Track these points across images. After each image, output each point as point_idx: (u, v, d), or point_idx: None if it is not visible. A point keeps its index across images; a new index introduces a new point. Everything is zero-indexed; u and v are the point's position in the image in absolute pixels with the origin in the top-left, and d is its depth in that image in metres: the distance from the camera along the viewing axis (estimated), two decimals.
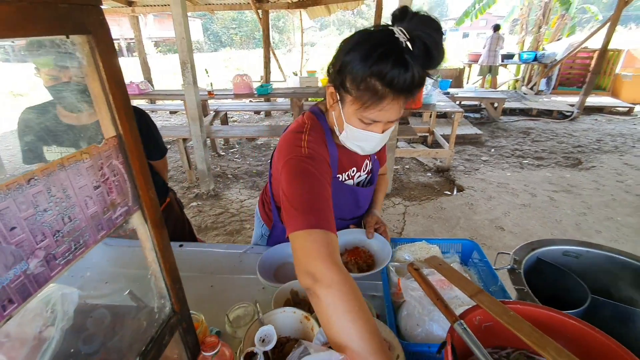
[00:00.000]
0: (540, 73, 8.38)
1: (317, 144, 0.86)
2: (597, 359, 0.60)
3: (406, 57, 0.67)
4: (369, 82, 0.71)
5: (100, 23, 0.38)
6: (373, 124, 0.79)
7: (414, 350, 0.73)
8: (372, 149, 0.87)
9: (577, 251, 1.13)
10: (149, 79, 7.46)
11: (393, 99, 0.72)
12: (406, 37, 0.67)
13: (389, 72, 0.68)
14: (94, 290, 1.01)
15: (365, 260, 1.05)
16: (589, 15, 10.50)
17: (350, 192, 1.06)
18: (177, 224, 1.54)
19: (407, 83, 0.69)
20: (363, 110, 0.76)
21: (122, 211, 0.44)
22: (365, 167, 1.10)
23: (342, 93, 0.78)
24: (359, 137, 0.83)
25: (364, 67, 0.69)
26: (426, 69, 0.71)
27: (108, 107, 0.40)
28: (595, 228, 2.92)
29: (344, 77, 0.75)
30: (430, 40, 0.67)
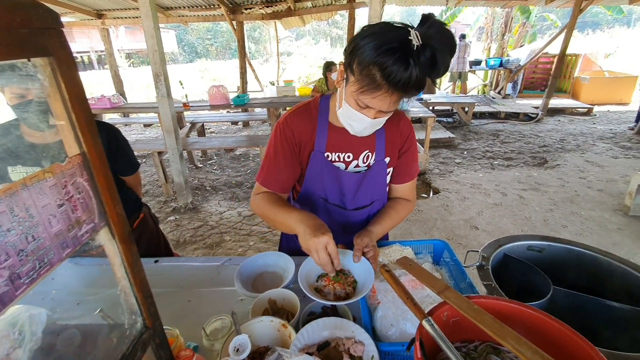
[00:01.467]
0: (506, 78, 8.82)
1: (297, 117, 1.03)
2: (554, 344, 0.64)
3: (410, 59, 0.72)
4: (370, 70, 0.76)
5: (61, 45, 0.39)
6: (367, 108, 0.85)
7: (387, 350, 0.76)
8: (361, 130, 0.93)
9: (540, 245, 1.20)
10: (122, 92, 7.28)
11: (388, 91, 0.77)
12: (419, 41, 0.72)
13: (389, 66, 0.73)
14: (66, 312, 0.98)
15: (346, 287, 0.94)
16: (548, 23, 11.21)
17: (334, 171, 1.05)
18: (152, 240, 1.51)
19: (402, 81, 0.74)
20: (359, 93, 0.82)
21: (88, 228, 0.45)
22: (366, 158, 1.06)
23: (349, 73, 0.84)
24: (352, 116, 0.90)
25: (372, 54, 0.74)
26: (428, 76, 0.76)
27: (71, 126, 0.41)
28: (562, 223, 3.08)
29: (353, 59, 0.80)
30: (439, 52, 0.73)
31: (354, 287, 0.94)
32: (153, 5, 2.90)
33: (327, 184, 1.07)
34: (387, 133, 1.06)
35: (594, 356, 0.59)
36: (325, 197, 1.11)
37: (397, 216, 1.12)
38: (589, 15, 21.38)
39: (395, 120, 1.06)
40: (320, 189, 1.09)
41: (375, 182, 1.10)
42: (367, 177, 1.07)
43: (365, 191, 1.10)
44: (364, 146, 1.05)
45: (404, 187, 1.16)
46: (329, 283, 0.94)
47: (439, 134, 5.52)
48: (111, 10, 6.36)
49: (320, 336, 0.81)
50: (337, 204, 1.12)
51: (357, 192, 1.09)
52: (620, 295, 1.04)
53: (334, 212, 1.13)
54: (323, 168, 1.04)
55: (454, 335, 0.73)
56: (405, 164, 1.12)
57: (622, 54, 14.83)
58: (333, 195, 1.10)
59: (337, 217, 1.14)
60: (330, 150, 1.04)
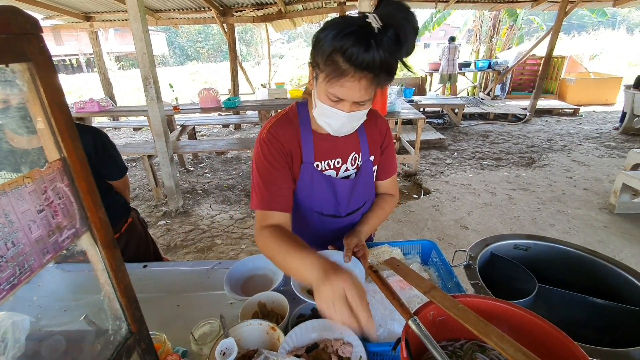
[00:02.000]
0: (495, 80, 8.97)
1: (281, 128, 0.96)
2: (537, 341, 0.66)
3: (371, 40, 0.71)
4: (333, 57, 0.75)
5: (40, 50, 0.39)
6: (340, 102, 0.82)
7: (375, 350, 0.76)
8: (339, 127, 0.90)
9: (526, 244, 1.22)
10: (111, 95, 7.20)
11: (354, 76, 0.75)
12: (378, 23, 0.72)
13: (349, 48, 0.71)
14: (53, 318, 0.96)
15: None
16: (535, 26, 11.43)
17: (326, 182, 1.02)
18: (141, 245, 1.50)
19: (366, 62, 0.72)
20: (328, 85, 0.79)
21: (70, 234, 0.44)
22: (354, 160, 1.05)
23: (316, 70, 0.82)
24: (327, 113, 0.86)
25: (331, 42, 0.74)
26: (394, 56, 0.75)
27: (51, 131, 0.41)
28: (549, 222, 3.14)
29: (317, 53, 0.79)
30: (401, 29, 0.72)
31: None
32: (141, 8, 2.88)
33: (321, 195, 1.04)
34: (367, 132, 1.06)
35: (575, 352, 0.61)
36: (320, 210, 1.07)
37: (382, 213, 1.14)
38: (575, 17, 21.89)
39: (373, 119, 1.06)
40: (314, 202, 1.05)
41: (366, 183, 1.09)
42: (359, 180, 1.06)
43: (358, 194, 1.09)
44: (350, 148, 1.04)
45: (387, 182, 1.16)
46: None
47: (430, 135, 5.58)
48: (100, 13, 6.29)
49: (309, 338, 0.81)
50: (332, 214, 1.09)
51: (350, 197, 1.07)
52: (603, 292, 1.06)
53: (328, 223, 1.11)
54: (315, 180, 1.00)
55: (441, 334, 0.75)
56: (386, 160, 1.13)
57: (606, 56, 15.21)
58: (328, 206, 1.07)
59: (332, 225, 1.12)
60: (319, 159, 1.00)
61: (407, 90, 6.21)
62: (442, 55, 8.45)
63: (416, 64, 14.89)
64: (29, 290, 0.42)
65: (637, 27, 26.84)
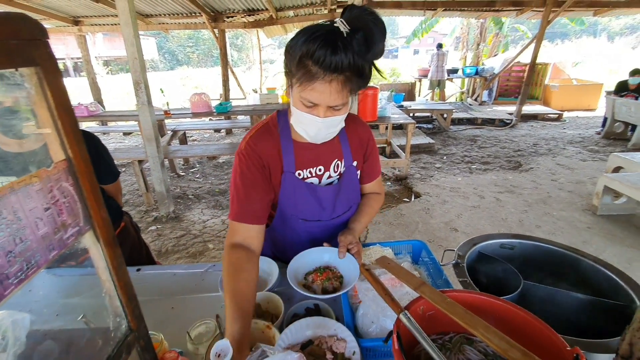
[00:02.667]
0: (482, 86, 9.18)
1: (260, 140, 0.97)
2: (521, 332, 0.69)
3: (338, 42, 0.73)
4: (303, 61, 0.76)
5: (47, 55, 0.41)
6: (314, 107, 0.83)
7: (368, 346, 0.79)
8: (315, 134, 0.90)
9: (512, 243, 1.27)
10: (100, 100, 7.12)
11: (324, 79, 0.76)
12: (346, 27, 0.74)
13: (316, 51, 0.73)
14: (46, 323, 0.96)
15: (333, 281, 0.99)
16: (520, 34, 11.76)
17: (309, 190, 1.02)
18: (134, 249, 1.50)
19: (334, 64, 0.73)
20: (301, 90, 0.80)
21: (74, 231, 0.46)
22: (337, 167, 1.06)
23: (290, 78, 0.84)
24: (302, 120, 0.87)
25: (300, 48, 0.76)
26: (364, 58, 0.77)
27: (57, 133, 0.43)
28: (536, 223, 3.22)
29: (289, 61, 0.81)
30: (369, 32, 0.75)
31: (341, 281, 1.00)
32: (133, 13, 2.88)
33: (304, 203, 1.04)
34: (349, 138, 1.06)
35: (555, 340, 0.64)
36: (304, 217, 1.07)
37: (372, 211, 1.16)
38: (558, 26, 22.62)
39: (353, 126, 1.07)
40: (298, 210, 1.06)
41: (350, 188, 1.10)
42: (342, 186, 1.07)
43: (343, 200, 1.10)
44: (333, 155, 1.04)
45: (371, 185, 1.19)
46: (317, 279, 0.99)
47: (420, 140, 5.67)
48: (89, 17, 6.24)
49: (303, 335, 0.83)
50: (317, 219, 1.09)
51: (335, 203, 1.08)
52: (585, 287, 1.11)
53: (313, 228, 1.11)
54: (297, 189, 1.01)
55: (430, 328, 0.77)
56: (370, 165, 1.14)
57: (588, 63, 15.72)
58: (312, 213, 1.07)
59: (317, 229, 1.12)
60: (301, 167, 1.00)
61: (397, 95, 6.31)
62: (430, 62, 8.63)
63: (405, 70, 15.14)
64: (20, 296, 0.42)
65: (617, 35, 27.85)
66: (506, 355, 0.59)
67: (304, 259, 1.06)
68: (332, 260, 1.05)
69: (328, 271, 1.02)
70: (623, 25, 29.77)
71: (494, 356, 0.72)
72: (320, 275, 1.00)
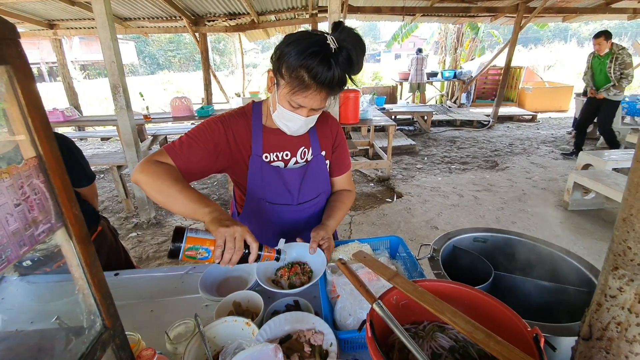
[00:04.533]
0: (460, 88, 9.45)
1: (235, 119, 1.05)
2: (488, 317, 0.73)
3: (331, 60, 0.83)
4: (299, 72, 0.86)
5: (18, 54, 0.42)
6: (299, 108, 0.93)
7: (345, 337, 0.81)
8: (296, 129, 1.00)
9: (484, 237, 1.32)
10: (77, 104, 6.92)
11: (316, 90, 0.88)
12: (335, 45, 0.84)
13: (315, 67, 0.83)
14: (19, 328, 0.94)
15: (301, 276, 1.03)
16: (494, 39, 12.21)
17: (274, 172, 1.09)
18: (112, 253, 1.47)
19: (328, 79, 0.85)
20: (292, 94, 0.90)
21: (45, 228, 0.46)
22: (303, 154, 1.13)
23: (278, 78, 0.92)
24: (287, 117, 0.97)
25: (298, 59, 0.84)
26: (346, 73, 0.88)
27: (27, 130, 0.43)
28: (511, 220, 3.35)
29: (281, 65, 0.88)
30: (353, 52, 0.86)
31: (310, 276, 1.03)
32: (110, 16, 2.84)
33: (270, 185, 1.11)
34: (318, 130, 1.15)
35: (518, 324, 0.68)
36: (270, 200, 1.13)
37: (345, 207, 1.22)
38: (531, 32, 23.60)
39: (324, 119, 1.16)
40: (264, 192, 1.12)
41: (317, 175, 1.17)
42: (309, 170, 1.14)
43: (310, 184, 1.16)
44: (300, 143, 1.12)
45: (342, 179, 1.26)
46: (285, 274, 1.03)
47: (401, 142, 5.78)
48: (64, 21, 6.07)
49: (282, 330, 0.84)
50: (284, 202, 1.15)
51: (301, 186, 1.14)
52: (551, 276, 1.17)
53: (281, 212, 1.17)
54: (263, 170, 1.08)
55: (404, 317, 0.80)
56: (339, 157, 1.22)
57: (560, 67, 16.46)
58: (278, 194, 1.13)
59: (286, 215, 1.18)
60: (268, 151, 1.08)
61: (378, 98, 6.42)
62: (410, 66, 8.84)
63: (387, 73, 15.41)
64: None
65: (586, 40, 29.28)
66: (471, 337, 0.62)
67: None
68: (303, 255, 1.09)
69: (297, 266, 1.05)
70: (592, 30, 31.29)
71: (464, 342, 0.76)
72: (289, 270, 1.03)
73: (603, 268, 0.67)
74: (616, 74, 4.42)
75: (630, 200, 0.58)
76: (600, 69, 4.61)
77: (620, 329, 0.63)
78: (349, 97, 3.96)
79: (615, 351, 0.64)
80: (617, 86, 4.47)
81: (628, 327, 0.62)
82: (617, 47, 4.45)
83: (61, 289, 1.08)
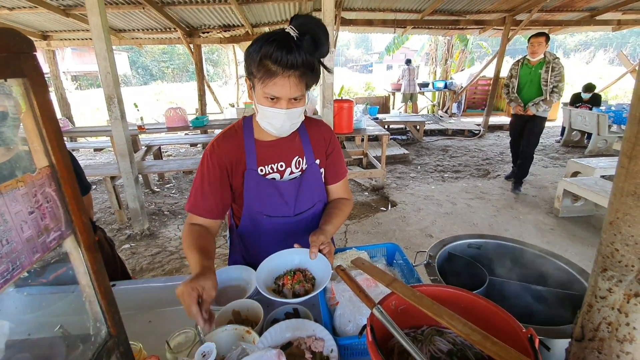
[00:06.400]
0: (451, 98, 9.65)
1: (224, 142, 1.07)
2: (484, 319, 0.75)
3: (292, 44, 0.86)
4: (263, 62, 0.88)
5: (34, 67, 0.44)
6: (276, 101, 0.94)
7: (345, 343, 0.82)
8: (280, 125, 0.99)
9: (478, 243, 1.35)
10: (69, 115, 6.88)
11: (283, 75, 0.88)
12: (295, 32, 0.88)
13: (274, 52, 0.86)
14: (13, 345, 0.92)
15: (305, 283, 0.98)
16: (483, 51, 12.54)
17: (270, 185, 1.09)
18: (109, 264, 1.46)
19: (290, 62, 0.86)
20: (264, 87, 0.91)
21: (56, 235, 0.48)
22: (298, 164, 1.12)
23: (252, 79, 0.95)
24: (268, 114, 0.97)
25: (259, 51, 0.88)
26: (314, 55, 0.90)
27: (41, 140, 0.45)
28: (504, 227, 3.40)
29: (249, 65, 0.92)
30: (315, 34, 0.88)
31: (313, 283, 0.99)
32: (106, 27, 2.86)
33: (266, 198, 1.10)
34: (310, 138, 1.14)
35: (513, 325, 0.70)
36: (267, 213, 1.13)
37: (343, 214, 1.19)
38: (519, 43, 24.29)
39: (316, 127, 1.17)
40: (261, 205, 1.11)
41: (313, 184, 1.16)
42: (304, 180, 1.13)
43: (306, 195, 1.15)
44: (293, 153, 1.12)
45: (338, 187, 1.24)
46: (288, 283, 0.98)
47: (394, 151, 5.86)
48: (58, 32, 6.09)
49: (283, 338, 0.85)
50: (281, 215, 1.14)
51: (297, 197, 1.13)
52: (544, 280, 1.20)
53: (279, 225, 1.16)
54: (258, 184, 1.08)
55: (403, 322, 0.82)
56: (334, 164, 1.21)
57: None
58: (275, 207, 1.13)
59: (283, 227, 1.17)
60: (262, 164, 1.08)
61: (372, 108, 6.53)
62: (401, 77, 9.03)
63: (379, 84, 15.65)
64: None
65: (572, 51, 30.23)
66: (468, 338, 0.64)
67: (273, 262, 1.04)
68: (304, 262, 1.04)
69: (299, 273, 1.00)
70: (577, 42, 32.40)
71: (462, 345, 0.77)
72: (291, 278, 0.98)
73: (592, 270, 0.69)
74: (549, 87, 3.72)
75: (616, 204, 0.62)
76: (531, 79, 3.83)
77: (611, 329, 0.65)
78: (343, 107, 4.02)
79: (607, 351, 0.67)
80: (547, 101, 3.75)
81: (618, 326, 0.64)
82: (550, 55, 3.74)
83: (61, 300, 1.07)
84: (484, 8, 6.33)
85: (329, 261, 0.99)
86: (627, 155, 0.59)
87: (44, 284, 1.19)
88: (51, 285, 0.99)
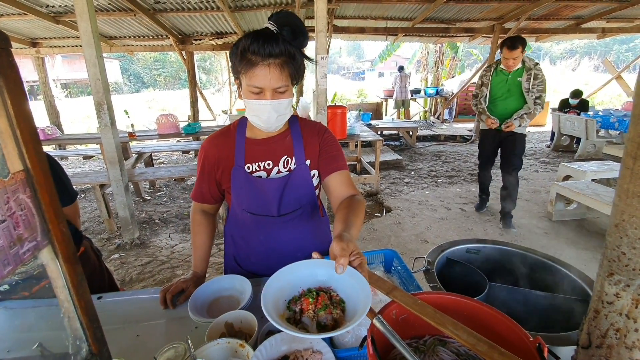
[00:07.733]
0: (443, 105, 9.76)
1: (215, 140, 1.13)
2: (488, 327, 0.72)
3: (269, 35, 0.90)
4: (244, 56, 0.92)
5: (9, 64, 0.40)
6: (261, 93, 0.95)
7: (344, 356, 0.78)
8: (267, 117, 0.99)
9: (476, 247, 1.33)
10: (58, 123, 6.77)
11: (263, 64, 0.91)
12: (274, 26, 0.93)
13: (252, 44, 0.89)
14: None
15: (332, 308, 0.72)
16: (474, 58, 12.77)
17: (255, 182, 1.08)
18: (95, 275, 1.40)
19: (268, 51, 0.89)
20: (247, 79, 0.94)
21: (30, 246, 0.44)
22: (286, 163, 1.10)
23: (239, 77, 0.97)
24: (253, 107, 0.98)
25: (239, 47, 0.92)
26: (294, 44, 0.93)
27: (15, 143, 0.41)
28: (499, 232, 3.40)
29: (233, 64, 0.96)
30: (293, 25, 0.94)
31: (342, 308, 0.73)
32: (95, 33, 2.82)
33: (251, 195, 1.10)
34: (304, 138, 1.12)
35: (519, 333, 0.68)
36: (251, 210, 1.13)
37: (360, 213, 1.00)
38: None
39: (310, 127, 1.16)
40: (246, 202, 1.13)
41: (300, 184, 1.09)
42: (290, 180, 1.08)
43: (292, 195, 1.10)
44: (282, 152, 1.10)
45: (338, 181, 1.09)
46: (308, 307, 0.70)
47: (388, 157, 5.87)
48: (47, 39, 6.01)
49: (279, 351, 0.81)
50: (264, 213, 1.13)
51: (282, 196, 1.09)
52: (544, 284, 1.18)
53: (262, 224, 1.15)
54: (244, 181, 1.09)
55: (404, 332, 0.79)
56: (327, 153, 1.11)
57: None
58: (258, 205, 1.11)
59: (266, 227, 1.15)
60: (250, 161, 1.09)
61: (365, 115, 6.55)
62: (394, 83, 9.11)
63: (372, 91, 15.80)
64: None
65: (558, 59, 31.01)
66: (474, 349, 0.61)
67: (284, 278, 0.76)
68: (328, 278, 0.76)
69: (323, 294, 0.73)
70: (563, 50, 33.26)
71: (466, 356, 0.75)
72: (313, 301, 0.71)
73: (598, 275, 0.67)
74: (532, 98, 3.09)
75: (621, 206, 0.60)
76: (509, 89, 3.15)
77: (620, 336, 0.63)
78: (336, 113, 4.02)
79: (616, 358, 0.64)
80: (531, 114, 3.14)
81: (627, 333, 0.62)
82: (531, 61, 3.09)
83: (42, 314, 1.01)
84: (474, 16, 6.45)
85: (364, 276, 0.71)
86: (632, 156, 0.58)
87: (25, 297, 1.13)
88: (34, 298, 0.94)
